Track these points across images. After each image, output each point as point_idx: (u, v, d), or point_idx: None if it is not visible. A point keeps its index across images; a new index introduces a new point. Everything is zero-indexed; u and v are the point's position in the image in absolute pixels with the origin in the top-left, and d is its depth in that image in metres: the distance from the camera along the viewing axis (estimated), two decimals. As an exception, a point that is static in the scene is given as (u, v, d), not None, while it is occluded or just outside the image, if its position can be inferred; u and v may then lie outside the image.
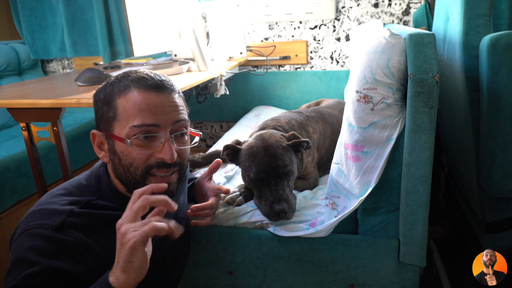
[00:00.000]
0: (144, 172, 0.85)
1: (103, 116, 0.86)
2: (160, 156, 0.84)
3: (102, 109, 0.86)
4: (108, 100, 0.85)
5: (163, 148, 0.84)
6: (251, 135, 1.28)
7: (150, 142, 0.84)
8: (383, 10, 2.12)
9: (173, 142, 0.86)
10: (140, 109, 0.82)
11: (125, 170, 0.85)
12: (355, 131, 1.02)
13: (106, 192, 0.88)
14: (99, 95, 0.88)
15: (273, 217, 1.08)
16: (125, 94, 0.84)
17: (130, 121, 0.82)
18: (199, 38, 1.77)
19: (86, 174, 0.93)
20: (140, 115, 0.82)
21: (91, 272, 0.78)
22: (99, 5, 2.32)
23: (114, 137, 0.84)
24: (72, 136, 2.12)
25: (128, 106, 0.83)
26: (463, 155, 1.35)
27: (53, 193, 0.86)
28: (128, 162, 0.84)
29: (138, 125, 0.82)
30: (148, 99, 0.83)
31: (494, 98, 1.06)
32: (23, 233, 0.77)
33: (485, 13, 1.11)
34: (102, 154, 0.89)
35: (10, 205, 1.79)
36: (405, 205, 1.00)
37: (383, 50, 0.97)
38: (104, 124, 0.87)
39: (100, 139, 0.89)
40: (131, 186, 0.86)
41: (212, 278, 1.21)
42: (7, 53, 2.50)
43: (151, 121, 0.83)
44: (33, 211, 0.82)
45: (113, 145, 0.85)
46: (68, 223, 0.79)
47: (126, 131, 0.83)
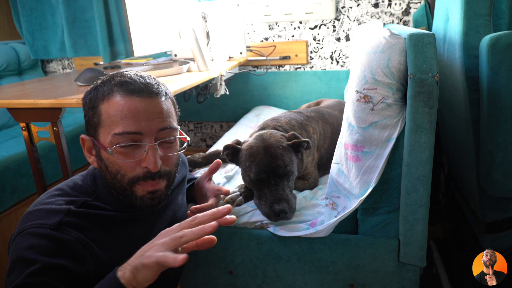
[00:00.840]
0: (131, 181, 0.83)
1: (89, 121, 0.85)
2: (144, 165, 0.82)
3: (88, 113, 0.85)
4: (93, 105, 0.83)
5: (147, 156, 0.81)
6: (251, 135, 1.28)
7: (133, 150, 0.82)
8: (383, 10, 2.12)
9: (157, 149, 0.83)
10: (122, 115, 0.79)
11: (112, 177, 0.84)
12: (355, 131, 1.02)
13: (102, 194, 0.88)
14: (86, 99, 0.86)
15: (273, 217, 1.08)
16: (108, 100, 0.81)
17: (113, 129, 0.80)
18: (199, 38, 1.77)
19: (82, 175, 0.93)
20: (122, 123, 0.79)
21: (90, 272, 0.78)
22: (99, 5, 2.32)
23: (99, 144, 0.83)
24: (72, 136, 2.12)
25: (111, 112, 0.80)
26: (463, 155, 1.35)
27: (49, 194, 0.86)
28: (114, 169, 0.83)
29: (120, 133, 0.79)
30: (130, 105, 0.80)
31: (494, 98, 1.06)
32: (20, 233, 0.76)
33: (485, 13, 1.11)
34: (92, 159, 0.88)
35: (10, 205, 1.79)
36: (405, 205, 1.00)
37: (383, 50, 0.97)
38: (91, 130, 0.85)
39: (89, 144, 0.88)
40: (119, 192, 0.85)
41: (212, 278, 1.21)
42: (7, 53, 2.50)
43: (133, 129, 0.80)
44: (29, 211, 0.81)
45: (99, 151, 0.84)
46: (65, 222, 0.78)
47: (109, 139, 0.80)
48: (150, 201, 0.86)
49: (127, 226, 0.89)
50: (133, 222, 0.91)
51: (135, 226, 0.91)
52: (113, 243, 0.85)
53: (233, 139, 1.26)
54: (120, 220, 0.88)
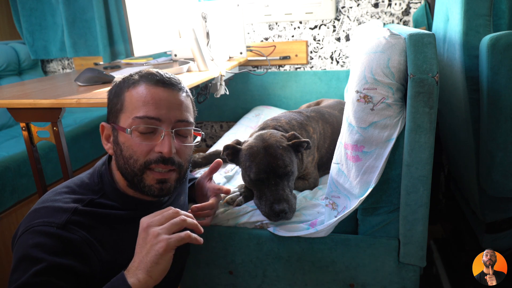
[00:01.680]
0: (143, 166, 0.85)
1: (112, 108, 0.89)
2: (158, 149, 0.85)
3: (112, 102, 0.90)
4: (118, 93, 0.89)
5: (162, 141, 0.85)
6: (251, 135, 1.28)
7: (151, 135, 0.86)
8: (383, 10, 2.12)
9: (173, 138, 0.87)
10: (145, 101, 0.85)
11: (125, 161, 0.86)
12: (355, 131, 1.02)
13: (108, 191, 0.89)
14: (112, 90, 0.91)
15: (273, 217, 1.08)
16: (133, 87, 0.87)
17: (134, 113, 0.85)
18: (199, 38, 1.77)
19: (89, 173, 0.94)
20: (144, 108, 0.84)
21: (95, 273, 0.78)
22: (99, 5, 2.32)
23: (118, 128, 0.86)
24: (72, 136, 2.12)
25: (134, 99, 0.86)
26: (463, 155, 1.35)
27: (56, 191, 0.86)
28: (128, 154, 0.85)
29: (140, 116, 0.84)
30: (154, 93, 0.86)
31: (494, 98, 1.06)
32: (27, 230, 0.76)
33: (485, 13, 1.11)
34: (108, 146, 0.91)
35: (10, 205, 1.79)
36: (405, 205, 1.00)
37: (383, 50, 0.97)
38: (112, 116, 0.89)
39: (108, 132, 0.91)
40: (129, 178, 0.87)
41: (212, 278, 1.21)
42: (7, 53, 2.50)
43: (153, 114, 0.84)
44: (36, 209, 0.81)
45: (117, 136, 0.87)
46: (72, 221, 0.79)
47: (129, 121, 0.85)
48: (158, 191, 0.88)
49: (133, 225, 0.90)
50: (138, 218, 0.91)
51: (140, 224, 0.91)
52: (118, 241, 0.85)
53: (233, 139, 1.26)
54: (125, 218, 0.88)
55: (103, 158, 0.97)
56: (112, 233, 0.85)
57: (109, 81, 1.58)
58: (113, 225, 0.86)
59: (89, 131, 2.24)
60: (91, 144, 2.23)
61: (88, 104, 1.27)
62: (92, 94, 1.34)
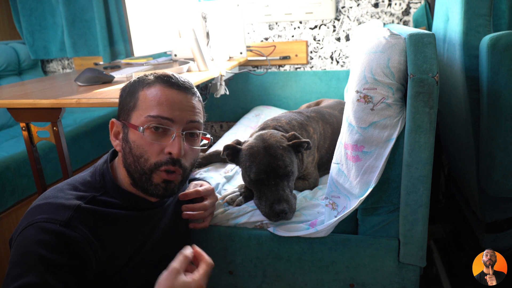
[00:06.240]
0: (153, 166, 0.87)
1: (124, 106, 0.91)
2: (168, 150, 0.86)
3: (125, 100, 0.91)
4: (132, 92, 0.91)
5: (173, 142, 0.87)
6: (252, 135, 1.28)
7: (162, 135, 0.87)
8: (383, 10, 2.12)
9: (183, 140, 0.89)
10: (159, 102, 0.87)
11: (134, 160, 0.87)
12: (355, 131, 1.02)
13: (110, 189, 0.90)
14: (125, 88, 0.93)
15: (273, 217, 1.08)
16: (148, 88, 0.89)
17: (148, 111, 0.87)
18: (199, 38, 1.77)
19: (90, 171, 0.94)
20: (158, 107, 0.86)
21: (90, 271, 0.79)
22: (99, 5, 2.32)
23: (129, 125, 0.87)
24: (72, 136, 2.12)
25: (148, 98, 0.88)
26: (463, 155, 1.35)
27: (58, 188, 0.87)
28: (138, 152, 0.87)
29: (154, 115, 0.86)
30: (168, 95, 0.88)
31: (494, 98, 1.06)
32: (30, 225, 0.76)
33: (485, 13, 1.11)
34: (116, 142, 0.92)
35: (10, 205, 1.78)
36: (405, 205, 1.00)
37: (383, 50, 0.97)
38: (123, 113, 0.90)
39: (117, 129, 0.92)
40: (136, 176, 0.88)
41: (212, 278, 1.21)
42: (7, 53, 2.50)
43: (166, 115, 0.86)
44: (38, 204, 0.81)
45: (127, 133, 0.89)
46: (75, 218, 0.79)
47: (142, 120, 0.87)
48: (163, 191, 0.89)
49: (133, 222, 0.91)
50: (138, 218, 0.93)
51: (140, 222, 0.93)
52: (118, 237, 0.86)
53: (233, 139, 1.26)
54: (126, 216, 0.89)
55: (104, 156, 0.97)
56: (113, 229, 0.86)
57: (109, 81, 1.58)
58: (114, 221, 0.87)
59: (89, 131, 2.24)
60: (91, 144, 2.23)
61: (88, 104, 1.27)
62: (92, 94, 1.34)
